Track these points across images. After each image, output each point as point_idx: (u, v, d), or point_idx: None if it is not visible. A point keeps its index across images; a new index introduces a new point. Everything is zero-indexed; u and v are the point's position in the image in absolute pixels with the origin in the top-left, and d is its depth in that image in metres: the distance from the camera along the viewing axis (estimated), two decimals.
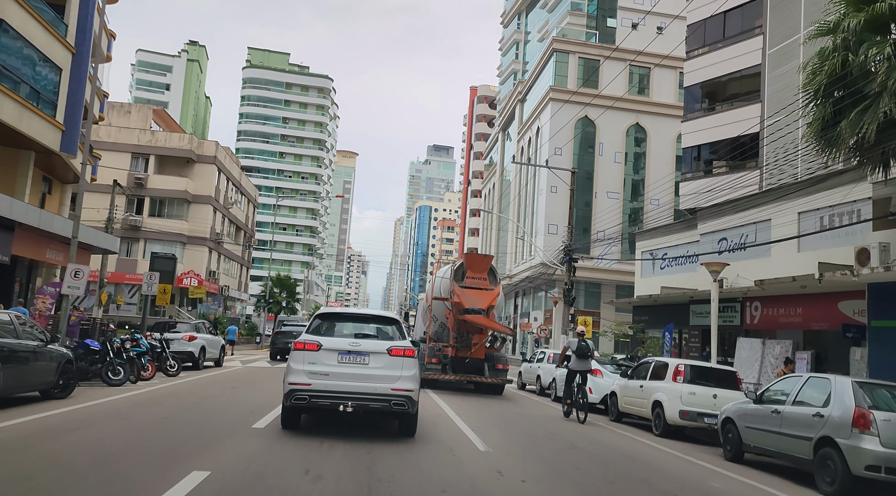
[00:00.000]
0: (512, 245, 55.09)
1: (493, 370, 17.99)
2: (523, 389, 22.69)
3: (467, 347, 18.09)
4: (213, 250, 44.06)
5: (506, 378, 18.56)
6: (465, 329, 17.98)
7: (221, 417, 10.08)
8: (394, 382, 8.22)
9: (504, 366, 18.27)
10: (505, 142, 62.84)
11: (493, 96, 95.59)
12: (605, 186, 45.32)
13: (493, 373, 17.97)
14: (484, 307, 17.10)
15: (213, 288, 44.01)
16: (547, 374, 20.09)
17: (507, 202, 58.42)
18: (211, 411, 10.85)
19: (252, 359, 26.60)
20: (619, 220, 44.60)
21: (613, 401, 15.01)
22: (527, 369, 22.53)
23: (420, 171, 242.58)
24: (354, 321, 9.17)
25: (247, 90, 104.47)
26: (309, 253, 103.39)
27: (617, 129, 46.09)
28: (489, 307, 17.34)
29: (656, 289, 25.97)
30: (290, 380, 8.23)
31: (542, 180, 46.04)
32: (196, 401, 12.20)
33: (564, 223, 46.96)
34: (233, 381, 16.61)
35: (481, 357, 18.14)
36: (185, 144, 41.05)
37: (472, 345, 18.06)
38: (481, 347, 18.22)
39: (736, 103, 25.95)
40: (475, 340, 18.07)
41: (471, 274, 17.98)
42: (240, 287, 52.61)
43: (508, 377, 19.22)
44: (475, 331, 17.92)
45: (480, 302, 17.18)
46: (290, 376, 8.29)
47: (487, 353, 18.41)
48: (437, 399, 15.48)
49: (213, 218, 43.14)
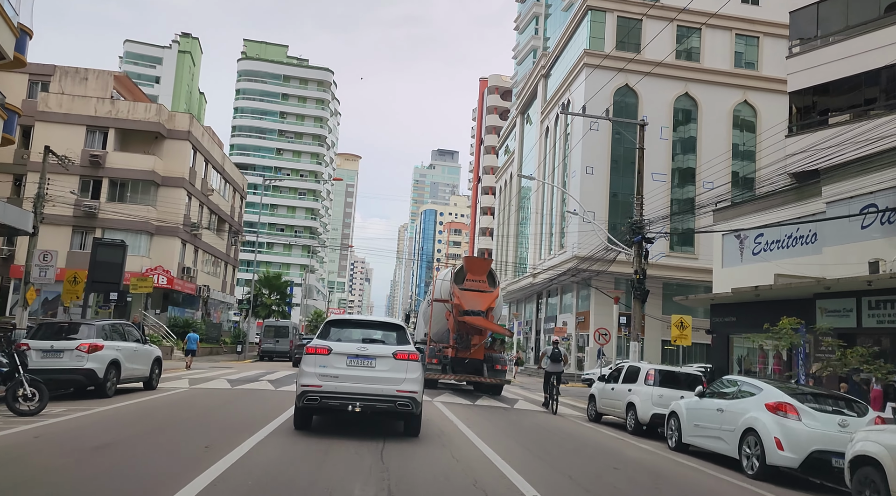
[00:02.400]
0: (535, 240, 48.23)
1: (492, 370, 18.51)
2: (596, 421, 15.83)
3: (467, 348, 18.55)
4: (189, 243, 37.32)
5: (504, 378, 19.13)
6: (465, 330, 18.44)
7: None
8: (399, 384, 8.66)
9: (503, 366, 18.77)
10: (524, 126, 56.13)
11: (505, 86, 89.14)
12: (649, 167, 38.45)
13: (492, 373, 18.49)
14: (483, 309, 17.70)
15: (189, 287, 37.26)
16: (648, 401, 13.39)
17: (529, 193, 51.60)
18: None
19: (212, 375, 19.82)
20: (665, 205, 37.73)
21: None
22: (605, 393, 15.77)
23: (424, 176, 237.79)
24: (362, 327, 9.64)
25: (242, 83, 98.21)
26: (308, 255, 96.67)
27: (662, 101, 39.34)
28: (488, 309, 17.94)
29: (746, 279, 19.60)
30: (303, 382, 8.66)
31: (575, 160, 39.25)
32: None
33: (603, 208, 40.09)
34: (137, 425, 9.78)
35: (480, 358, 18.59)
36: (153, 116, 34.42)
37: (471, 346, 18.51)
38: (480, 348, 18.65)
39: (873, 25, 19.11)
40: (474, 341, 18.53)
41: (470, 276, 18.50)
42: (224, 288, 45.85)
43: (563, 402, 18.17)
44: (474, 333, 18.41)
45: (480, 304, 17.74)
46: (302, 379, 8.70)
47: (487, 354, 18.80)
48: (481, 444, 9.28)
49: (188, 205, 36.45)
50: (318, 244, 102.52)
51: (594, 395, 16.04)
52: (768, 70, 40.00)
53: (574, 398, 21.51)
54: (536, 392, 22.38)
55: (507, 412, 15.37)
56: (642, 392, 13.73)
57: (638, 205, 20.50)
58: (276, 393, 15.23)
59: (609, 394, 15.46)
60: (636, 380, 14.18)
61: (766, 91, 39.46)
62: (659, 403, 13.19)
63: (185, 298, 38.62)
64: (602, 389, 15.91)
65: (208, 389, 15.51)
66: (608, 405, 15.27)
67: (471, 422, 12.01)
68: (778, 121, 37.70)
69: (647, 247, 20.21)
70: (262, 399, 13.94)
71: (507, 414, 15.01)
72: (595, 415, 15.90)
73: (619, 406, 14.56)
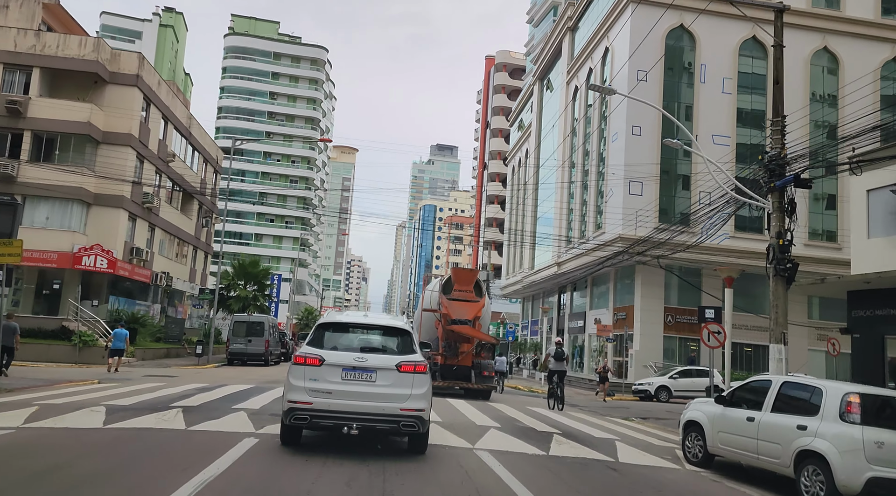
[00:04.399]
0: (560, 223, 41.01)
1: (480, 376, 19.32)
2: (706, 466, 9.46)
3: (455, 355, 19.31)
4: (141, 219, 30.00)
5: (491, 384, 19.89)
6: (453, 338, 19.26)
7: None
8: (403, 402, 7.42)
9: (489, 373, 19.54)
10: (543, 93, 48.87)
11: (515, 63, 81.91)
12: (708, 127, 31.30)
13: (480, 379, 19.34)
14: (470, 318, 18.73)
15: (140, 274, 29.93)
16: (856, 454, 6.75)
17: (551, 170, 44.41)
18: None
19: (111, 394, 12.50)
20: (730, 174, 30.54)
21: None
22: (729, 424, 9.52)
23: (423, 172, 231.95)
24: (360, 331, 8.19)
25: (229, 61, 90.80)
26: (300, 248, 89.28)
27: (725, 46, 32.16)
28: (475, 318, 18.98)
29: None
30: (290, 398, 7.45)
31: (617, 121, 31.99)
32: None
33: (652, 178, 32.90)
34: None
35: (468, 364, 19.30)
36: (90, 53, 27.07)
37: (459, 353, 19.26)
38: (468, 355, 19.34)
39: None
40: (462, 349, 19.29)
41: (458, 287, 19.59)
42: (193, 278, 38.48)
43: (630, 426, 14.37)
44: (462, 341, 19.17)
45: (467, 313, 18.74)
46: (289, 393, 7.49)
47: (474, 361, 19.46)
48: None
49: (139, 171, 29.13)
50: (311, 238, 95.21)
51: (699, 424, 9.88)
52: (853, 11, 32.88)
53: (649, 422, 14.37)
54: (608, 417, 15.27)
55: (606, 471, 8.14)
56: (839, 435, 7.65)
57: (776, 131, 13.23)
58: (183, 438, 8.05)
59: (739, 427, 9.01)
60: (815, 410, 8.08)
61: (849, 35, 32.36)
62: (879, 459, 7.31)
63: (137, 287, 31.30)
64: (720, 417, 9.40)
65: (52, 432, 8.22)
66: (737, 445, 9.08)
67: None
68: (864, 71, 30.61)
69: (792, 197, 12.93)
70: (131, 462, 6.71)
71: (608, 474, 7.83)
72: (702, 455, 9.69)
73: (772, 452, 8.40)
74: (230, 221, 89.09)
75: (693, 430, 9.99)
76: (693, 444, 9.96)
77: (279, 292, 63.63)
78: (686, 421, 10.22)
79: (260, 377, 20.42)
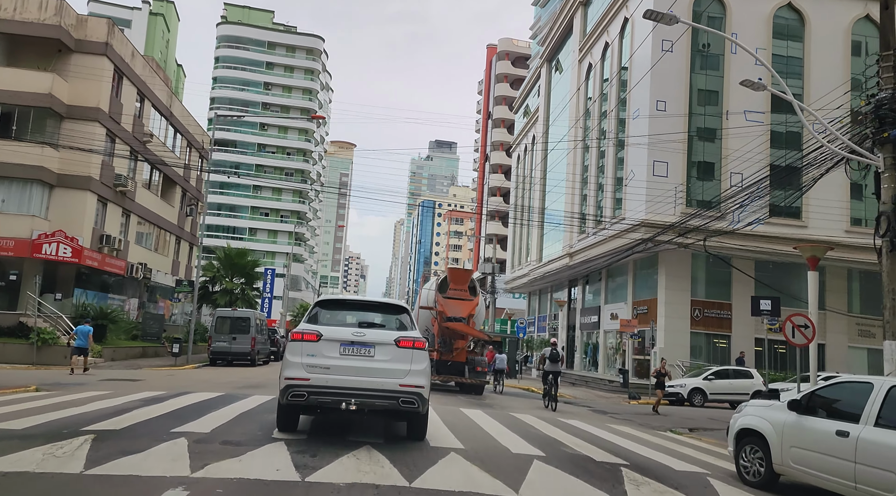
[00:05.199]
0: (574, 210, 38.13)
1: (473, 372, 19.71)
2: (768, 489, 7.23)
3: (450, 351, 19.75)
4: (112, 203, 27.07)
5: (484, 379, 20.39)
6: (449, 335, 19.70)
7: None
8: (402, 377, 7.19)
9: (482, 368, 20.02)
10: (551, 76, 45.95)
11: (518, 51, 79.01)
12: (739, 103, 28.40)
13: (473, 374, 19.73)
14: (464, 315, 19.35)
15: (114, 265, 27.01)
16: None
17: (561, 155, 41.50)
18: None
19: (30, 407, 9.69)
20: (765, 155, 27.74)
21: None
22: (809, 440, 7.34)
23: (422, 168, 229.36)
24: (358, 309, 8.13)
25: (222, 50, 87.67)
26: (296, 242, 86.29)
27: (757, 14, 29.27)
28: (469, 315, 19.62)
29: None
30: (287, 375, 7.18)
31: (639, 96, 29.07)
32: None
33: (678, 160, 30.04)
34: None
35: (462, 360, 19.74)
36: (51, 17, 24.11)
37: (454, 349, 19.72)
38: (463, 351, 19.76)
39: None
40: (457, 345, 19.73)
41: (453, 286, 20.03)
42: (176, 271, 35.52)
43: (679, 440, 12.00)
44: (457, 337, 19.63)
45: (461, 311, 19.37)
46: (286, 370, 7.22)
47: (468, 357, 19.85)
48: None
49: (111, 150, 26.19)
50: (307, 233, 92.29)
51: (759, 434, 7.61)
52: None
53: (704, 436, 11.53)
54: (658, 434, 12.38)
55: None
56: None
57: (888, 68, 10.33)
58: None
59: (824, 442, 6.67)
60: None
61: None
62: None
63: (112, 280, 28.38)
64: (794, 428, 7.18)
65: None
66: (821, 467, 6.63)
67: None
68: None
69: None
70: None
71: None
72: (764, 473, 7.46)
73: (884, 483, 5.88)
74: (223, 216, 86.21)
75: (750, 442, 7.67)
76: (751, 459, 7.65)
77: (272, 288, 60.74)
78: (740, 429, 7.87)
79: (239, 380, 17.49)
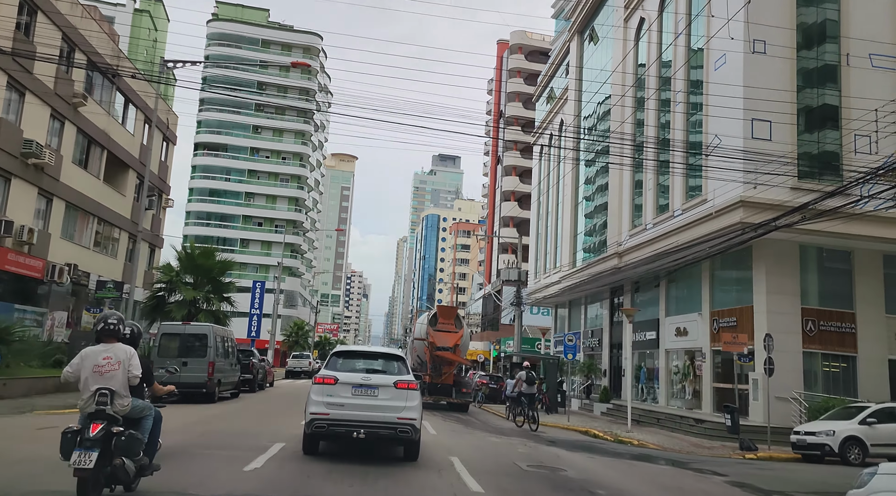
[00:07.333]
0: (622, 200, 30.99)
1: (459, 393, 23.42)
2: None
3: (440, 375, 23.15)
4: (20, 179, 19.98)
5: (469, 399, 24.51)
6: (438, 361, 23.20)
7: None
8: (399, 412, 9.10)
9: (467, 389, 24.07)
10: (583, 49, 39.15)
11: (532, 44, 72.70)
12: (863, 45, 21.35)
13: (459, 395, 23.42)
14: (451, 345, 22.89)
15: (19, 263, 19.86)
16: None
17: (602, 137, 34.40)
18: None
19: None
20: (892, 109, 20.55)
21: None
22: None
23: (425, 183, 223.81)
24: (365, 358, 10.15)
25: (213, 48, 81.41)
26: (292, 254, 79.23)
27: None
28: (455, 345, 23.11)
29: None
30: (311, 410, 9.11)
31: (726, 39, 21.96)
32: None
33: (786, 117, 23.02)
34: None
35: (450, 383, 23.28)
36: None
37: (443, 373, 23.16)
38: (450, 375, 23.33)
39: None
40: (445, 370, 23.21)
41: (441, 320, 23.81)
42: (129, 278, 28.26)
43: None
44: (446, 364, 23.20)
45: (449, 341, 22.92)
46: (311, 407, 9.14)
47: (455, 379, 23.65)
48: None
49: (17, 109, 19.23)
50: (304, 244, 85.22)
51: None
52: None
53: None
54: None
55: None
56: None
57: None
58: None
59: None
60: None
61: None
62: None
63: (18, 286, 21.16)
64: None
65: None
66: None
67: None
68: None
69: None
70: None
71: None
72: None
73: None
74: (213, 226, 79.35)
75: None
76: None
77: (262, 304, 53.47)
78: None
79: (179, 438, 10.22)
